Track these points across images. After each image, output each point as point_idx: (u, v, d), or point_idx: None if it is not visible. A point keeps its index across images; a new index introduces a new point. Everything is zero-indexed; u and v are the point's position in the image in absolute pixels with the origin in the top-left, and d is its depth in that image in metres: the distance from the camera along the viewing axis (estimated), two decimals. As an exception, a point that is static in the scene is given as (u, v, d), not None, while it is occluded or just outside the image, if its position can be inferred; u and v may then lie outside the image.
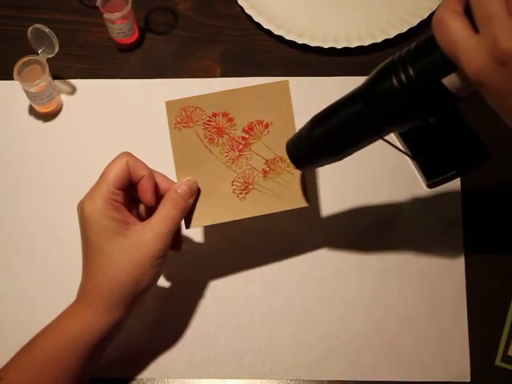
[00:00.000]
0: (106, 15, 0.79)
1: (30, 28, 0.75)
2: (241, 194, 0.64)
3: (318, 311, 0.69)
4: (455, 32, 0.42)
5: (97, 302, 0.58)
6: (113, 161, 0.61)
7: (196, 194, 0.63)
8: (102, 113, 0.80)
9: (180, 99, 0.64)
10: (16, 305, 0.70)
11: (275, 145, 0.64)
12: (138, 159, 0.61)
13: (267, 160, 0.64)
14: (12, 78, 0.75)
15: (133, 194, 0.63)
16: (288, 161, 0.63)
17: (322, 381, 0.66)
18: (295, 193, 0.64)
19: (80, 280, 0.60)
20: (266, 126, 0.64)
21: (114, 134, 0.79)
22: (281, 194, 0.64)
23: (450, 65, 0.44)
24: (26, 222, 0.74)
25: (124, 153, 0.61)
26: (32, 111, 0.80)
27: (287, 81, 0.64)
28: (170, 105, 0.64)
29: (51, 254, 0.73)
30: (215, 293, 0.70)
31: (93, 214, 0.59)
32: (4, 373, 0.57)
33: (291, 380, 0.66)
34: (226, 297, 0.70)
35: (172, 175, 0.64)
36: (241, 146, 0.64)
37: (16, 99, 0.80)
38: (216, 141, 0.64)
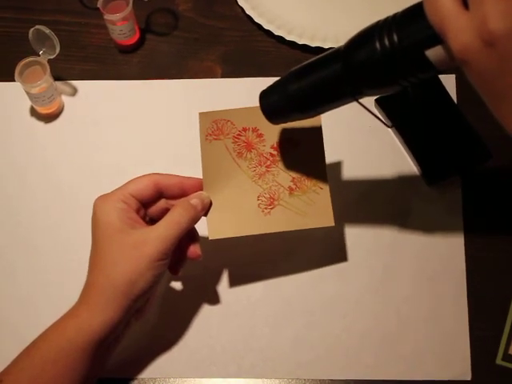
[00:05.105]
0: (107, 16, 0.79)
1: (31, 29, 0.75)
2: (266, 209, 0.64)
3: (319, 310, 0.69)
4: (445, 6, 0.41)
5: (92, 300, 0.58)
6: (141, 176, 0.62)
7: (207, 208, 0.63)
8: (103, 114, 0.80)
9: (212, 111, 0.64)
10: (17, 307, 0.70)
11: (302, 164, 0.64)
12: (169, 177, 0.62)
13: (294, 178, 0.64)
14: (13, 80, 0.75)
15: (152, 214, 0.63)
16: (314, 180, 0.63)
17: (323, 380, 0.66)
18: (320, 211, 0.64)
19: (83, 281, 0.60)
20: (295, 144, 0.64)
21: (115, 134, 0.79)
22: (306, 212, 0.64)
23: (436, 37, 0.43)
24: (27, 222, 0.74)
25: (154, 173, 0.62)
26: (33, 112, 0.81)
27: None
28: (202, 116, 0.64)
29: (53, 255, 0.72)
30: (217, 292, 0.70)
31: (102, 210, 0.59)
32: (4, 375, 0.57)
33: (292, 379, 0.66)
34: (227, 296, 0.70)
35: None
36: (268, 162, 0.64)
37: (17, 101, 0.81)
38: (244, 155, 0.64)
